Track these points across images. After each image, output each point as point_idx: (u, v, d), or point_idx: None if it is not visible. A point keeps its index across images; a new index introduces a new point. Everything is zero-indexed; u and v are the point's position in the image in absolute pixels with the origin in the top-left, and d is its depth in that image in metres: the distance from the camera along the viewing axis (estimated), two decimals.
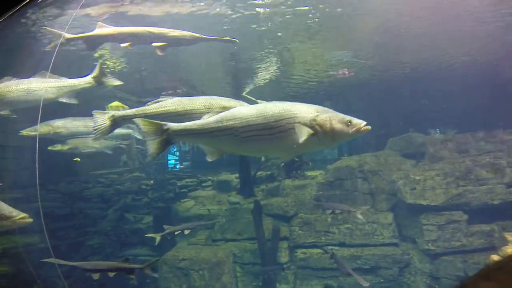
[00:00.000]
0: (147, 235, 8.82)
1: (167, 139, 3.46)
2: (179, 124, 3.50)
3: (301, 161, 9.96)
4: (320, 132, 3.26)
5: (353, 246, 9.14)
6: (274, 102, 3.49)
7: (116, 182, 11.90)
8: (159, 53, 5.49)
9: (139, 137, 8.29)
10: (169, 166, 14.82)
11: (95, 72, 5.79)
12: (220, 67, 10.04)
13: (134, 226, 10.80)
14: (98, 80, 5.76)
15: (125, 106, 9.62)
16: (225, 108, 3.61)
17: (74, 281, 8.32)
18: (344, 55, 9.39)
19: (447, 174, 8.64)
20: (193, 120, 3.74)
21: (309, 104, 3.45)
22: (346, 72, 10.05)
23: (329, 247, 8.92)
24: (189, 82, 10.65)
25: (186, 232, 8.81)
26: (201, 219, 11.18)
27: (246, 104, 4.15)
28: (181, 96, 4.42)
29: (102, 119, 4.30)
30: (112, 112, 4.36)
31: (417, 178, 8.96)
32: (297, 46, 8.70)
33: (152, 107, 4.29)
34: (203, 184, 12.55)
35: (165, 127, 3.42)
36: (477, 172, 8.44)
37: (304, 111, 3.34)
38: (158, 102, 4.31)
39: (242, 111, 3.46)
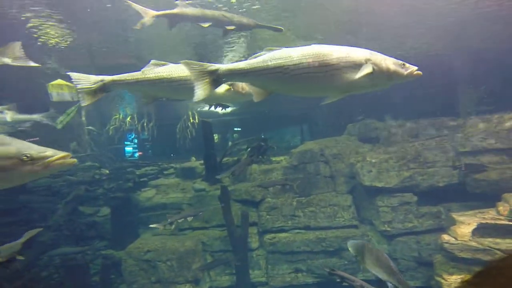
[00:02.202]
0: (151, 225, 8.06)
1: (216, 80, 3.38)
2: (227, 64, 3.43)
3: (267, 145, 9.62)
4: (376, 71, 3.24)
5: (317, 229, 9.14)
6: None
7: (66, 173, 10.48)
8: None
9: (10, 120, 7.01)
10: (126, 154, 13.47)
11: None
12: (185, 48, 9.14)
13: (90, 219, 9.62)
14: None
15: (69, 84, 8.40)
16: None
17: (29, 280, 7.12)
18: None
19: (399, 158, 8.94)
20: (186, 87, 3.70)
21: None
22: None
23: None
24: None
25: (189, 219, 8.20)
26: (165, 207, 10.38)
27: None
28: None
29: (87, 81, 3.74)
30: (102, 77, 3.83)
31: (373, 161, 9.18)
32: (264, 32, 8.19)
33: (144, 73, 3.99)
34: (165, 172, 11.68)
35: (214, 68, 3.33)
36: (425, 155, 8.81)
37: (358, 50, 3.31)
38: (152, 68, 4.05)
39: (291, 51, 3.33)
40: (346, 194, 9.62)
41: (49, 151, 2.70)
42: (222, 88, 4.31)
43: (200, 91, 3.31)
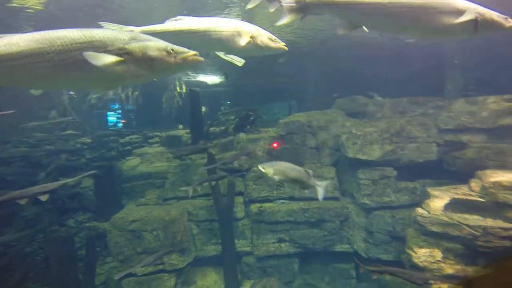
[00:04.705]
0: (182, 188, 7.90)
1: (303, 8, 3.44)
2: None
3: (256, 115, 9.07)
4: (480, 20, 3.40)
5: (301, 199, 8.88)
6: None
7: (45, 142, 9.71)
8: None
9: None
10: (109, 123, 12.61)
11: None
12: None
13: (72, 191, 9.03)
14: None
15: None
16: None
17: (14, 256, 6.64)
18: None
19: (384, 131, 8.74)
20: (212, 39, 3.95)
21: None
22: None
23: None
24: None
25: (213, 183, 8.10)
26: (149, 177, 9.85)
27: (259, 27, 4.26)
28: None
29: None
30: (132, 28, 3.67)
31: (359, 133, 9.00)
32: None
33: (171, 25, 4.06)
34: (150, 141, 11.03)
35: None
36: (409, 130, 8.64)
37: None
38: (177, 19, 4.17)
39: None
40: (330, 166, 9.40)
41: (187, 50, 3.06)
42: (244, 41, 4.21)
43: (285, 17, 3.39)
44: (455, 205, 6.65)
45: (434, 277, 5.92)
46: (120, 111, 12.72)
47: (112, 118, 12.56)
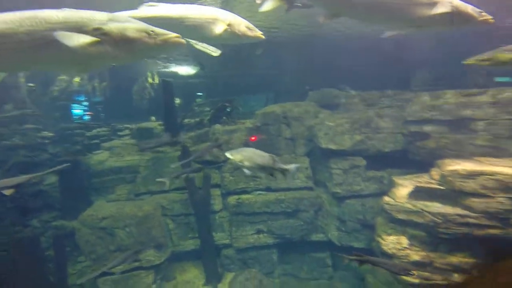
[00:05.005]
0: (158, 179, 7.41)
1: None
2: None
3: (233, 106, 8.88)
4: (455, 12, 3.61)
5: (277, 190, 8.90)
6: None
7: (1, 137, 8.89)
8: None
9: None
10: (74, 116, 11.76)
11: None
12: None
13: (35, 188, 8.34)
14: None
15: None
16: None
17: None
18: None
19: (353, 122, 8.95)
20: (187, 26, 3.83)
21: None
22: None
23: None
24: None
25: (187, 176, 7.75)
26: (120, 171, 9.34)
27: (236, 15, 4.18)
28: None
29: None
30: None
31: (330, 124, 9.14)
32: None
33: (145, 11, 3.96)
34: (119, 133, 10.42)
35: None
36: (377, 121, 8.91)
37: None
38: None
39: None
40: (304, 157, 9.48)
41: (168, 32, 3.02)
42: (220, 29, 4.15)
43: (268, 2, 3.50)
44: (418, 193, 6.85)
45: (415, 267, 5.96)
46: (86, 103, 11.91)
47: (77, 110, 11.73)
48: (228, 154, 4.92)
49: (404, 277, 5.98)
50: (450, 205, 6.20)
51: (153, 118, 11.07)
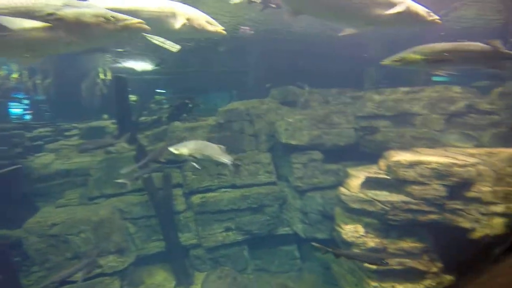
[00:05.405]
0: (119, 180, 6.80)
1: None
2: None
3: (193, 103, 8.56)
4: (406, 12, 3.89)
5: (242, 186, 8.82)
6: None
7: None
8: None
9: None
10: (12, 115, 10.34)
11: None
12: None
13: None
14: None
15: None
16: None
17: None
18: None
19: (311, 118, 9.25)
20: (143, 19, 3.35)
21: None
22: (247, 29, 9.06)
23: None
24: None
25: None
26: (68, 175, 8.44)
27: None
28: None
29: None
30: None
31: (290, 120, 9.37)
32: None
33: (97, 2, 3.48)
34: (66, 133, 9.43)
35: None
36: (332, 117, 9.32)
37: None
38: None
39: None
40: (266, 152, 9.50)
41: (130, 17, 2.97)
42: (179, 23, 4.05)
43: None
44: (369, 183, 7.10)
45: (388, 256, 6.12)
46: (27, 101, 10.54)
47: (16, 109, 10.33)
48: (172, 149, 4.67)
49: (367, 264, 6.13)
50: (396, 193, 6.46)
51: (105, 116, 10.24)
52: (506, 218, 5.60)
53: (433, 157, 6.41)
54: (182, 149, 4.56)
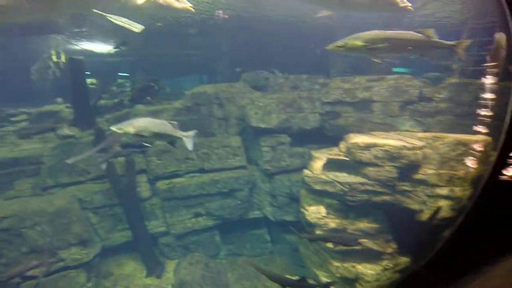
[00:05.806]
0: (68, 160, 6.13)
1: None
2: None
3: (158, 85, 8.10)
4: None
5: (211, 171, 8.63)
6: None
7: None
8: None
9: None
10: None
11: None
12: None
13: None
14: None
15: None
16: None
17: None
18: None
19: (280, 102, 9.29)
20: None
21: None
22: (221, 13, 8.69)
23: None
24: None
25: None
26: (16, 163, 7.64)
27: None
28: None
29: None
30: None
31: (260, 104, 9.33)
32: None
33: None
34: (12, 119, 8.48)
35: None
36: (299, 102, 9.44)
37: None
38: None
39: None
40: (236, 136, 9.40)
41: None
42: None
43: None
44: (330, 165, 7.29)
45: (361, 236, 6.27)
46: None
47: None
48: (114, 128, 4.26)
49: (327, 244, 6.30)
50: (354, 175, 6.65)
51: (59, 100, 9.37)
52: (450, 200, 5.82)
53: (387, 140, 6.61)
54: (127, 127, 4.16)
